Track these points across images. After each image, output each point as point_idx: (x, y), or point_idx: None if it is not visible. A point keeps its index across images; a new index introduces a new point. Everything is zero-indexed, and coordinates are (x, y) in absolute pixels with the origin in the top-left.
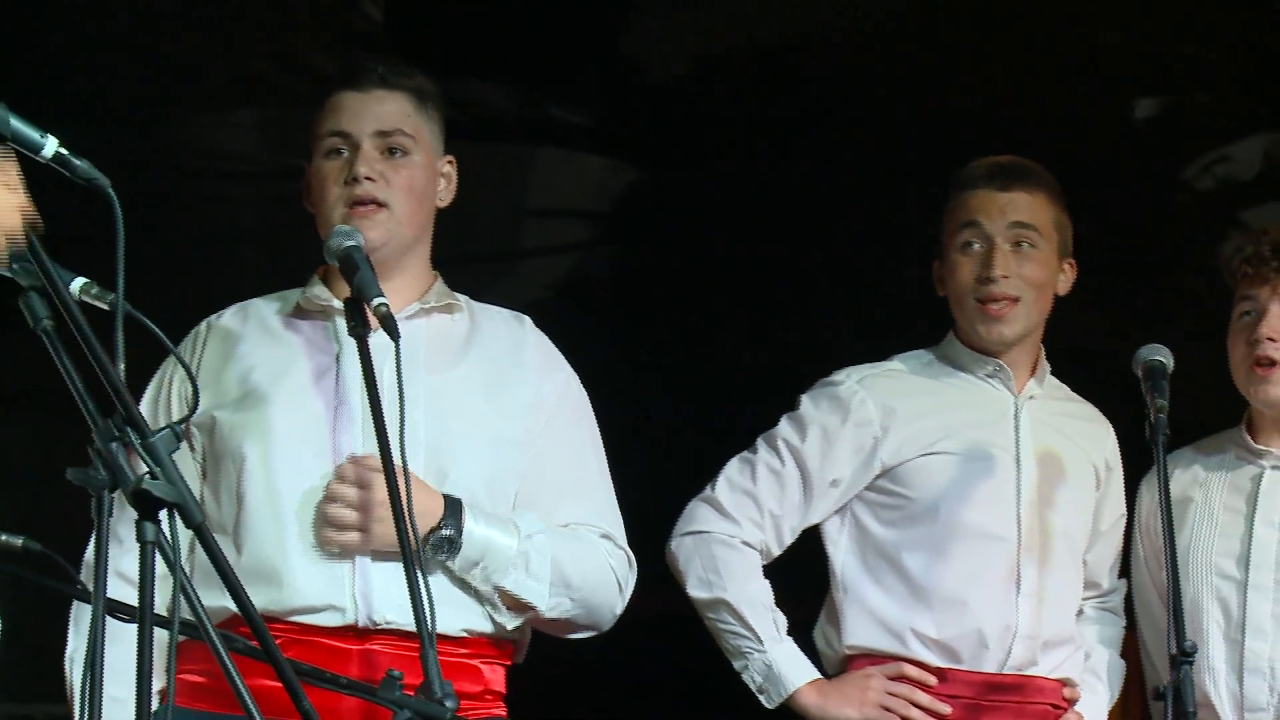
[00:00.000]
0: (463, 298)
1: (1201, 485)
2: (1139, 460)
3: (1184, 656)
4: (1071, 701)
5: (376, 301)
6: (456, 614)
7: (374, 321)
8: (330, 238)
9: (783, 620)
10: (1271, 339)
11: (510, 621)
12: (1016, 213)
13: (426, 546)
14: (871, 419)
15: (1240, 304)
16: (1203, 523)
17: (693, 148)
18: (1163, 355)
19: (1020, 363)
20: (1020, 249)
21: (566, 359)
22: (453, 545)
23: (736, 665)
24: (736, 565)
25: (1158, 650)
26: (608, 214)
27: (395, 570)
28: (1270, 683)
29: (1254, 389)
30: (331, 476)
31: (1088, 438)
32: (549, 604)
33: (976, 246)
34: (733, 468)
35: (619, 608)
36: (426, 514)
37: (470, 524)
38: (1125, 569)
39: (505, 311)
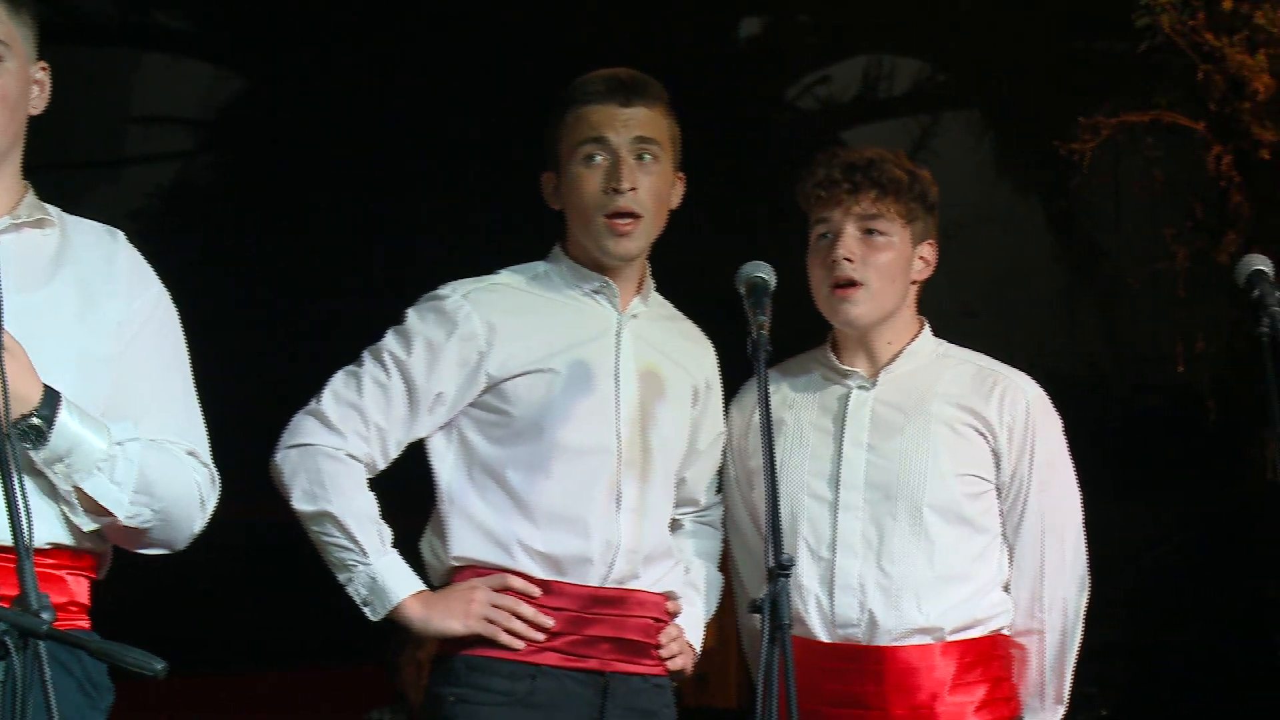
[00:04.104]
0: (53, 210)
1: (791, 406)
2: (742, 377)
3: (781, 570)
4: (673, 614)
5: None
6: (41, 526)
7: None
8: None
9: (388, 533)
10: (849, 259)
11: (86, 524)
12: (639, 127)
13: (13, 430)
14: (477, 333)
15: (816, 227)
16: (793, 444)
17: (300, 54)
18: (764, 272)
19: (627, 279)
20: (643, 162)
21: (171, 266)
22: (40, 435)
23: (341, 578)
24: (342, 478)
25: (746, 568)
26: (213, 121)
27: None
28: (860, 599)
29: (835, 310)
30: None
31: (688, 356)
32: (128, 512)
33: (600, 160)
34: (338, 380)
35: (198, 525)
36: (21, 398)
37: (64, 418)
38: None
39: (98, 225)
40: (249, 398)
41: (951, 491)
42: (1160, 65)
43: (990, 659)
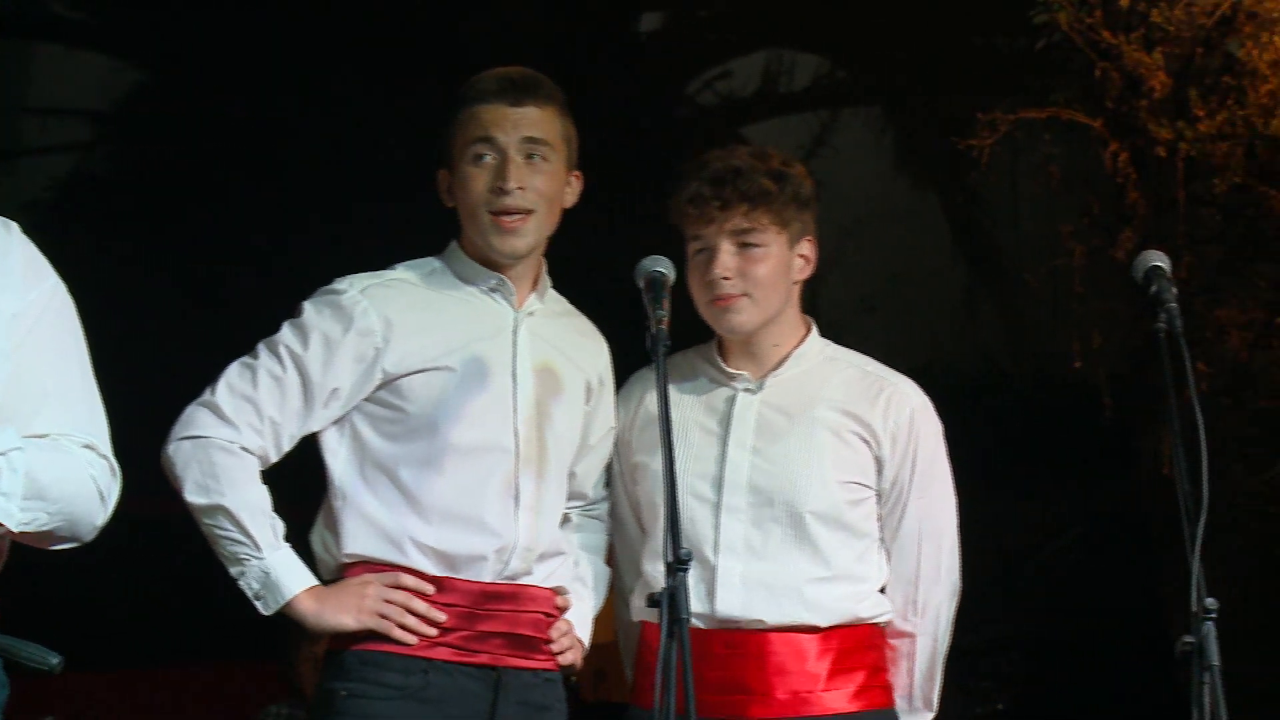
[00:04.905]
0: None
1: (675, 405)
2: (636, 370)
3: (679, 564)
4: (563, 609)
5: None
6: None
7: None
8: None
9: (281, 526)
10: (726, 277)
11: None
12: (529, 127)
13: None
14: (374, 329)
15: (692, 243)
16: (677, 442)
17: (199, 44)
18: (664, 267)
19: (523, 277)
20: (532, 161)
21: (68, 259)
22: None
23: (233, 572)
24: (235, 471)
25: (625, 561)
26: (110, 112)
27: None
28: (743, 599)
29: (718, 320)
30: None
31: (583, 352)
32: (21, 520)
33: (489, 159)
34: (233, 372)
35: (100, 519)
36: None
37: None
38: None
39: None
40: (146, 392)
41: (834, 498)
42: (1058, 62)
43: (868, 648)
